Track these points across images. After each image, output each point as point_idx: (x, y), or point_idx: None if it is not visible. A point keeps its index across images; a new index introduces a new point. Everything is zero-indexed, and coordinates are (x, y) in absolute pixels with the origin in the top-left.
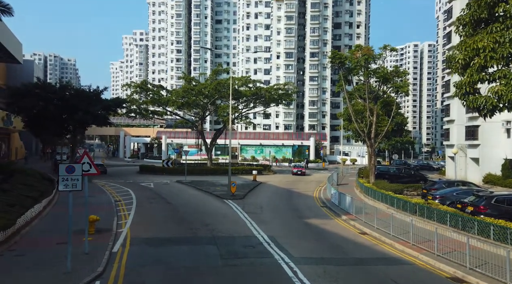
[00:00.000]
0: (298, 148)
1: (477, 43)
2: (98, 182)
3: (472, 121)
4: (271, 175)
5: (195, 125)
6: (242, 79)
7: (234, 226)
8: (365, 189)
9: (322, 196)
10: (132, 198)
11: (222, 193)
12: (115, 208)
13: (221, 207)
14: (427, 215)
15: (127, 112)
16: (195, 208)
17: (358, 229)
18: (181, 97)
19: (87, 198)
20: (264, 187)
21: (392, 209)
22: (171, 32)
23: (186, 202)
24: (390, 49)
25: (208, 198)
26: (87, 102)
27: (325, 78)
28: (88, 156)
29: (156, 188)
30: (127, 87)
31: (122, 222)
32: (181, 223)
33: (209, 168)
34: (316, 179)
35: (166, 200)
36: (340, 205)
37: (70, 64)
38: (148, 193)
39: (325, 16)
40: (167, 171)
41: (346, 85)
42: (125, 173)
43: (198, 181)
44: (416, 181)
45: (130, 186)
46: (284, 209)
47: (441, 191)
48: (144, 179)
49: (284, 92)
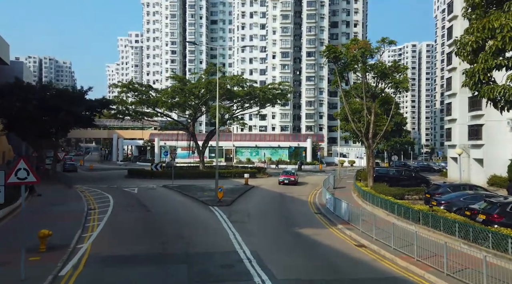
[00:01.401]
0: (294, 149)
1: (493, 22)
2: (79, 187)
3: (475, 120)
4: (265, 178)
5: (186, 127)
6: (234, 78)
7: (214, 238)
8: (362, 193)
9: (317, 201)
10: (109, 206)
11: (209, 199)
12: (85, 217)
13: (204, 215)
14: (433, 224)
15: (115, 114)
16: (175, 217)
17: (354, 241)
18: (171, 97)
19: (23, 212)
20: (256, 191)
21: (392, 216)
22: (166, 33)
23: (167, 209)
24: (388, 42)
25: (193, 205)
26: (70, 102)
27: (322, 78)
28: (25, 161)
29: (139, 193)
30: (114, 87)
31: (86, 235)
32: (154, 236)
33: (201, 171)
34: (312, 182)
35: (146, 207)
36: (335, 212)
37: (66, 66)
38: (128, 200)
39: (321, 15)
40: (156, 175)
41: (342, 82)
42: (112, 177)
43: (186, 186)
44: (417, 184)
45: (111, 192)
46: (274, 216)
47: (447, 196)
48: (130, 184)
49: (279, 92)
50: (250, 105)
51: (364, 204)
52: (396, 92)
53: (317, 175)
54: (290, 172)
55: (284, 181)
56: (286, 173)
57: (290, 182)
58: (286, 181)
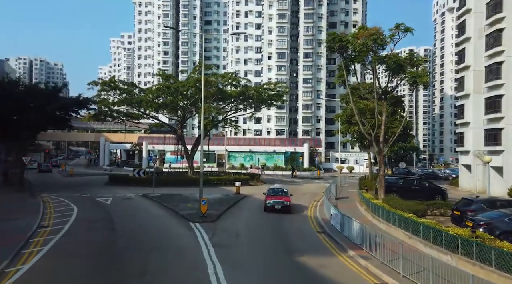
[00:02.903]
0: (291, 155)
1: None
2: (45, 197)
3: (493, 123)
4: (259, 186)
5: (174, 129)
6: (226, 76)
7: (186, 275)
8: (373, 208)
9: (318, 216)
10: (69, 222)
11: (192, 212)
12: (26, 240)
13: (181, 236)
14: (479, 255)
15: (95, 114)
16: (143, 239)
17: (374, 277)
18: (156, 97)
19: None
20: (247, 202)
21: (416, 239)
22: (158, 33)
23: (137, 227)
24: (404, 30)
25: (170, 221)
26: (44, 101)
27: (320, 80)
28: None
29: (111, 205)
30: (94, 85)
31: (11, 269)
32: (106, 273)
33: (190, 177)
34: (310, 191)
35: (113, 224)
36: (344, 232)
37: (57, 68)
38: (95, 214)
39: (319, 15)
40: (139, 182)
41: (349, 76)
42: (91, 184)
43: (169, 195)
44: (431, 196)
45: (80, 202)
46: (268, 237)
47: (485, 215)
48: (106, 192)
49: (275, 92)
50: (244, 107)
51: (376, 220)
52: (414, 88)
53: (315, 182)
54: (280, 191)
55: (274, 206)
56: (275, 193)
57: (283, 207)
58: (277, 206)
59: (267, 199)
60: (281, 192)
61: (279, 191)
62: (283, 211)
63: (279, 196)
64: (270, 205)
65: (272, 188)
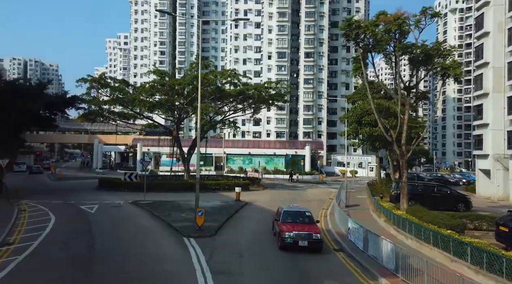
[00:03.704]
0: (292, 158)
1: None
2: (24, 204)
3: None
4: (260, 191)
5: (169, 131)
6: (225, 73)
7: None
8: (396, 220)
9: (331, 228)
10: (40, 236)
11: (186, 224)
12: None
13: (171, 257)
14: None
15: (85, 114)
16: (125, 261)
17: None
18: (150, 95)
19: None
20: (249, 211)
21: (460, 263)
22: (154, 32)
23: (119, 245)
24: (431, 15)
25: (160, 236)
26: (28, 99)
27: (321, 80)
28: None
29: (96, 214)
30: (83, 82)
31: None
32: None
33: (186, 182)
34: (316, 197)
35: (93, 240)
36: (368, 251)
37: (52, 69)
38: (75, 226)
39: (321, 13)
40: (131, 186)
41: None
42: (79, 189)
43: (162, 203)
44: (454, 205)
45: (61, 211)
46: (278, 259)
47: None
48: (93, 199)
49: (276, 91)
50: (244, 107)
51: (401, 235)
52: (444, 81)
53: (319, 187)
54: (301, 216)
55: (298, 242)
56: (295, 219)
57: (312, 244)
58: (303, 242)
59: (283, 231)
60: (302, 217)
61: (299, 216)
62: (312, 250)
63: (301, 223)
64: (291, 241)
65: (287, 211)
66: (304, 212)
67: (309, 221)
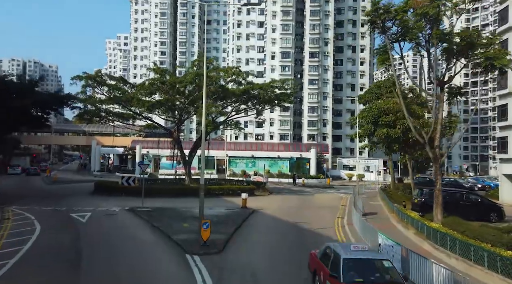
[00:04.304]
0: (296, 161)
1: None
2: (9, 211)
3: None
4: (266, 197)
5: (170, 132)
6: (230, 70)
7: None
8: (433, 234)
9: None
10: (19, 252)
11: (189, 237)
12: None
13: (172, 281)
14: None
15: (80, 114)
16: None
17: None
18: (149, 94)
19: None
20: (258, 220)
21: None
22: (155, 32)
23: (110, 267)
24: None
25: (159, 253)
26: (17, 96)
27: (327, 81)
28: None
29: (87, 224)
30: (78, 80)
31: None
32: None
33: (187, 187)
34: (326, 203)
35: (79, 259)
36: (410, 276)
37: (52, 70)
38: (62, 239)
39: (326, 12)
40: (129, 191)
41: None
42: (73, 193)
43: (162, 210)
44: (485, 215)
45: (48, 220)
46: (299, 280)
47: None
48: (86, 205)
49: (282, 91)
50: (247, 108)
51: (441, 253)
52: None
53: (327, 192)
54: (379, 269)
55: None
56: (367, 270)
57: None
58: None
59: None
60: (380, 273)
61: (373, 268)
62: None
63: None
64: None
65: (351, 259)
66: (380, 258)
67: (393, 278)
